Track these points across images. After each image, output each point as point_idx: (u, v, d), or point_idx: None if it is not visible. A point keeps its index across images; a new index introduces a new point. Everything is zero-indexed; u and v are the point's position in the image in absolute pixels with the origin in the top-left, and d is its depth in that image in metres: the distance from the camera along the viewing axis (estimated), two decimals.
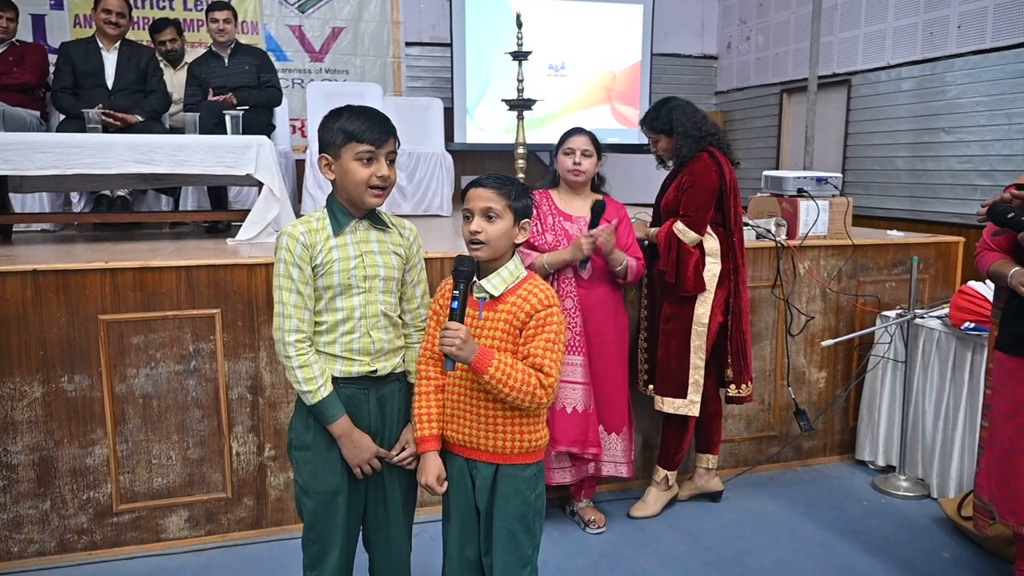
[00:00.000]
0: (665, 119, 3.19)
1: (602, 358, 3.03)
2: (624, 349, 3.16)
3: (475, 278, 1.92)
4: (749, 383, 3.26)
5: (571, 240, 2.92)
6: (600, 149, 3.03)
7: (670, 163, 3.30)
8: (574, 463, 3.09)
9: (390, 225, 2.05)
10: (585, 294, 2.98)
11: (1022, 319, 2.38)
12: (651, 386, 3.30)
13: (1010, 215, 2.16)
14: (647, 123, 3.28)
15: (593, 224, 2.86)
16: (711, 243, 3.13)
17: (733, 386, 3.24)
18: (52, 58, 4.99)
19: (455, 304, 1.84)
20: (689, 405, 3.17)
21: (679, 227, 3.08)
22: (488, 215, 1.90)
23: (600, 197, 3.00)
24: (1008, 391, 2.42)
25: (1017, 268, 2.33)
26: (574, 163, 2.97)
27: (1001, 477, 2.46)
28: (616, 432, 3.11)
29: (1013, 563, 2.65)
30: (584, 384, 2.98)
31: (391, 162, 1.95)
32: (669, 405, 3.19)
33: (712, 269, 3.13)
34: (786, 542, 3.11)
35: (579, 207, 3.01)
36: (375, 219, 2.01)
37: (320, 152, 1.96)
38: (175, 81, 5.20)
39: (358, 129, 1.89)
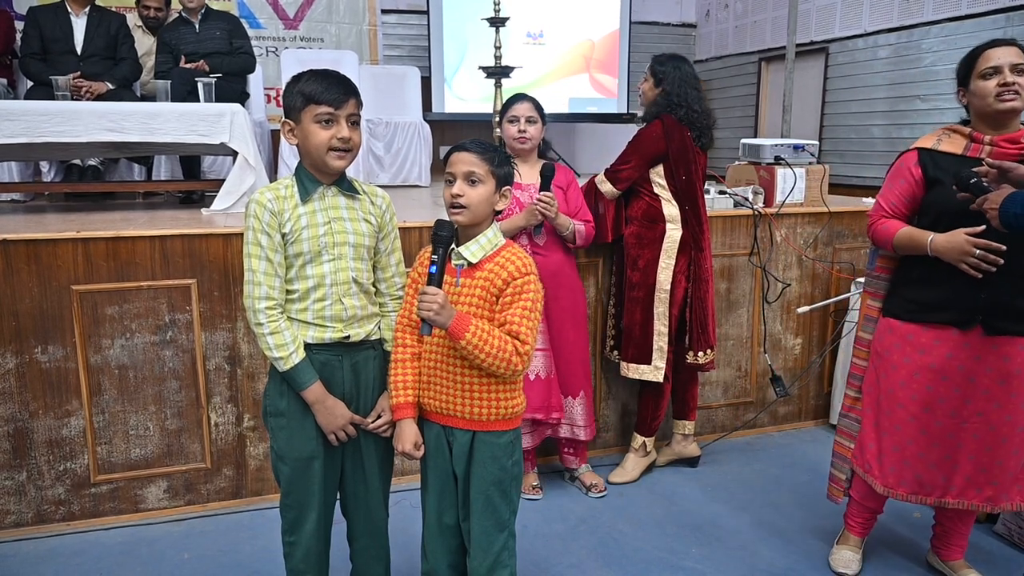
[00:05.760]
0: (663, 73, 3.19)
1: (559, 323, 3.06)
2: (580, 312, 3.17)
3: (453, 245, 1.92)
4: (709, 351, 3.29)
5: (523, 208, 2.93)
6: (544, 115, 3.03)
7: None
8: (535, 427, 3.12)
9: (361, 192, 2.03)
10: (542, 261, 2.97)
11: (913, 285, 2.39)
12: (616, 352, 3.34)
13: (972, 180, 2.21)
14: (654, 59, 3.28)
15: (544, 187, 2.87)
16: (671, 209, 3.17)
17: (691, 353, 3.27)
18: (19, 24, 4.86)
19: (433, 269, 1.83)
20: (654, 371, 3.22)
21: (599, 178, 3.21)
22: (471, 179, 1.89)
23: (549, 162, 3.01)
24: (901, 357, 2.40)
25: (935, 235, 2.26)
26: (519, 131, 2.97)
27: (893, 445, 2.43)
28: (573, 396, 3.13)
29: (979, 523, 2.71)
30: (544, 351, 3.02)
31: (353, 124, 1.93)
32: (634, 371, 3.24)
33: (673, 235, 3.16)
34: (761, 504, 3.17)
35: (528, 174, 3.01)
36: (345, 186, 1.99)
37: (284, 118, 1.94)
38: (152, 47, 5.07)
39: (316, 91, 1.86)
